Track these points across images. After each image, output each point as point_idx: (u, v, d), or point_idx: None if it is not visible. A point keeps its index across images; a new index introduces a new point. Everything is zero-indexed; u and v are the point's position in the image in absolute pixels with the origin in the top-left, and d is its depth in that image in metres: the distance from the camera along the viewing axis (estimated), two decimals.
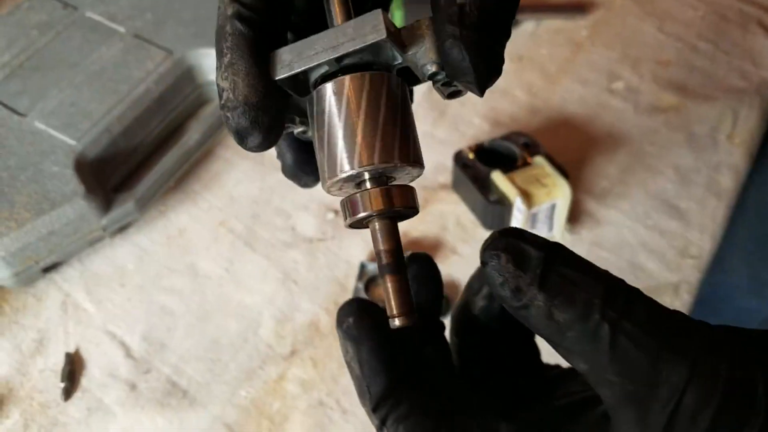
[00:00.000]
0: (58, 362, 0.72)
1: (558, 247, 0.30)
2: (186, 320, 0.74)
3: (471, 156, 0.80)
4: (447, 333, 0.39)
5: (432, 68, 0.31)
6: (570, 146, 0.86)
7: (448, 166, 0.82)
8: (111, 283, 0.78)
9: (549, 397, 0.35)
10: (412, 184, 0.33)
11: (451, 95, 0.33)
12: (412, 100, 0.34)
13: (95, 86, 0.83)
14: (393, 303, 0.31)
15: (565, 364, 0.36)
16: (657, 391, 0.27)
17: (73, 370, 0.72)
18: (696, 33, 0.99)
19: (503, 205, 0.75)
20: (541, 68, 0.95)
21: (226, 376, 0.71)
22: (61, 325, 0.75)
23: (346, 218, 0.32)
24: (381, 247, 0.31)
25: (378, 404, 0.33)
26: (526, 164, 0.77)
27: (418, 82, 0.34)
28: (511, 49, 0.97)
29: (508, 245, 0.29)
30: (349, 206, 0.31)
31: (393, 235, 0.31)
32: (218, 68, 0.31)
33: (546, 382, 0.36)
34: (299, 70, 0.31)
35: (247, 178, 0.86)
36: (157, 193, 0.81)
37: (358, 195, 0.31)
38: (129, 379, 0.71)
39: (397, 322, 0.31)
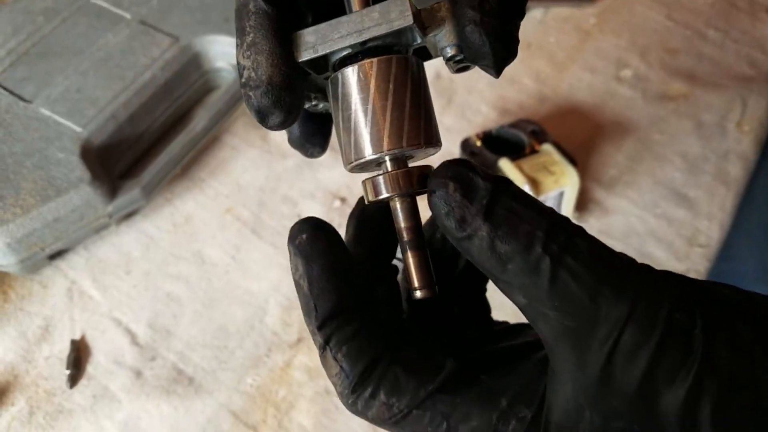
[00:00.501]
0: (64, 349, 0.72)
1: (506, 180, 0.30)
2: (192, 307, 0.74)
3: (478, 143, 0.79)
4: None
5: (452, 51, 0.32)
6: (578, 134, 0.86)
7: (456, 153, 0.81)
8: (117, 270, 0.77)
9: (494, 345, 0.35)
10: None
11: (460, 70, 0.34)
12: None
13: (101, 73, 0.82)
14: (415, 276, 0.32)
15: (514, 321, 0.37)
16: (595, 327, 0.27)
17: (78, 357, 0.72)
18: (705, 21, 0.98)
19: None
20: (549, 56, 0.95)
21: (232, 364, 0.70)
22: (66, 312, 0.75)
23: (367, 198, 0.33)
24: (402, 224, 0.32)
25: (324, 322, 0.32)
26: (534, 152, 0.77)
27: (429, 57, 0.35)
28: (519, 37, 0.97)
29: (457, 174, 0.30)
30: (371, 187, 0.32)
31: (413, 213, 0.32)
32: (239, 46, 0.31)
33: (493, 334, 0.37)
34: (323, 53, 0.31)
35: (253, 165, 0.85)
36: (163, 180, 0.81)
37: (380, 177, 0.32)
38: (135, 366, 0.71)
39: (418, 294, 0.32)
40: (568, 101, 0.90)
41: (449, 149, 0.83)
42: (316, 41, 0.31)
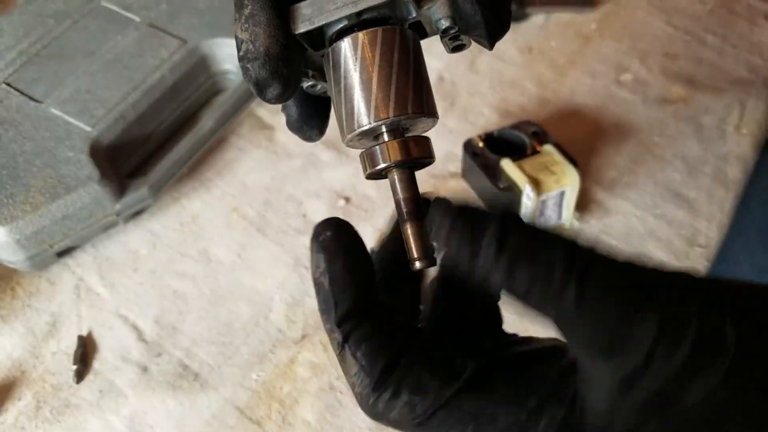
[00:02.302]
0: (71, 345, 0.73)
1: (512, 213, 0.30)
2: (198, 304, 0.75)
3: (481, 144, 0.80)
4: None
5: (446, 23, 0.32)
6: (579, 136, 0.87)
7: (458, 155, 0.83)
8: (124, 268, 0.78)
9: (512, 351, 0.35)
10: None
11: (455, 49, 0.35)
12: None
13: (110, 74, 0.84)
14: (414, 247, 0.32)
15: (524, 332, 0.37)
16: (626, 344, 0.27)
17: (85, 353, 0.72)
18: (704, 26, 0.99)
19: (513, 192, 0.76)
20: (550, 60, 0.96)
21: (238, 360, 0.71)
22: (73, 309, 0.76)
23: (365, 170, 0.33)
24: (400, 195, 0.32)
25: (343, 319, 0.32)
26: (535, 152, 0.78)
27: (425, 36, 0.35)
28: (521, 41, 0.99)
29: (462, 212, 0.30)
30: (368, 158, 0.33)
31: (411, 183, 0.33)
32: (237, 20, 0.31)
33: (508, 342, 0.36)
34: (320, 24, 0.32)
35: (259, 166, 0.86)
36: (170, 179, 0.82)
37: (376, 147, 0.32)
38: (141, 362, 0.72)
39: (417, 265, 0.32)
40: (569, 104, 0.91)
41: (452, 150, 0.84)
42: (312, 13, 0.31)
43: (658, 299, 0.28)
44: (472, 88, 0.93)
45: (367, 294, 0.33)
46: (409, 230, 0.32)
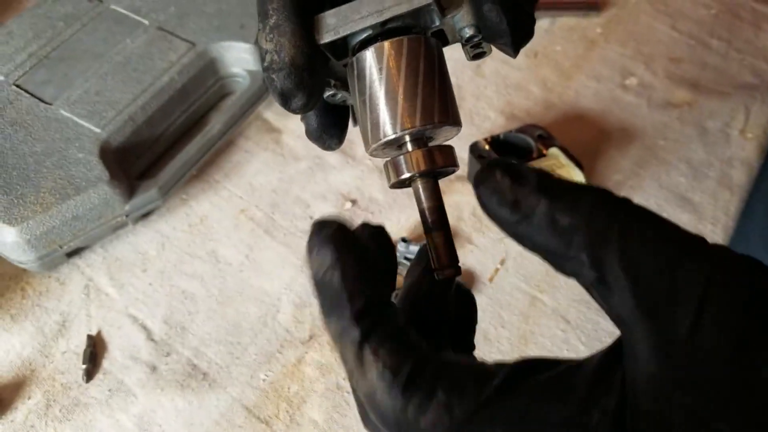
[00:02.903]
0: (80, 344, 0.73)
1: (544, 171, 0.29)
2: (207, 305, 0.76)
3: (486, 147, 0.81)
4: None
5: (470, 31, 0.33)
6: (584, 140, 0.88)
7: (464, 158, 0.83)
8: (133, 269, 0.79)
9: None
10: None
11: (476, 57, 0.35)
12: None
13: (120, 76, 0.85)
14: (440, 255, 0.32)
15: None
16: (677, 295, 0.25)
17: (95, 353, 0.73)
18: (708, 31, 1.00)
19: None
20: (555, 64, 0.97)
21: (246, 359, 0.72)
22: (83, 309, 0.76)
23: (390, 179, 0.33)
24: (425, 204, 0.32)
25: (362, 314, 0.28)
26: (541, 155, 0.79)
27: (446, 44, 0.36)
28: (526, 45, 0.99)
29: (501, 163, 0.29)
30: (392, 168, 0.32)
31: (435, 193, 0.33)
32: (261, 30, 0.31)
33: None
34: (345, 34, 0.32)
35: (267, 168, 0.87)
36: (179, 181, 0.83)
37: (401, 157, 0.32)
38: (150, 362, 0.72)
39: (444, 273, 0.32)
40: (574, 108, 0.92)
41: (458, 153, 0.84)
42: (337, 23, 0.32)
43: (705, 249, 0.26)
44: (478, 91, 0.94)
45: (382, 292, 0.30)
46: (435, 239, 0.32)
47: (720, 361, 0.24)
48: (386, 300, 0.30)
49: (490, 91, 0.94)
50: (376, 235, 0.34)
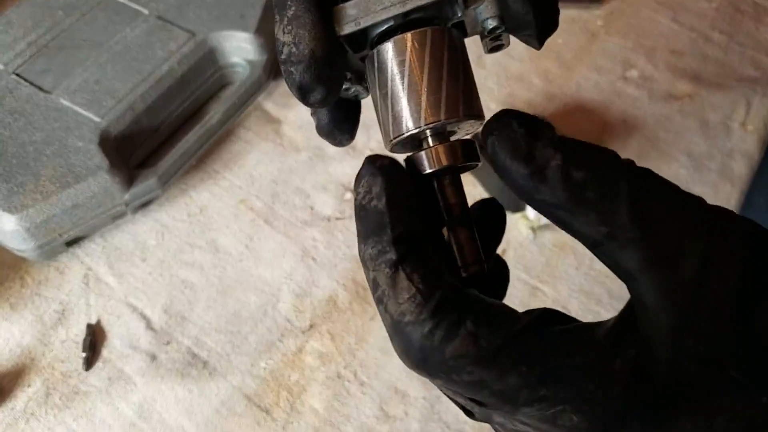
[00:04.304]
0: (80, 333, 0.73)
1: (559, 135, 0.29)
2: (206, 294, 0.76)
3: None
4: None
5: (494, 23, 0.32)
6: (585, 131, 0.87)
7: None
8: (132, 258, 0.79)
9: None
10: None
11: (494, 49, 0.34)
12: None
13: (119, 65, 0.84)
14: (465, 253, 0.31)
15: None
16: (682, 244, 0.26)
17: (94, 341, 0.73)
18: (710, 24, 1.00)
19: None
20: (557, 56, 0.97)
21: (246, 348, 0.72)
22: (82, 298, 0.76)
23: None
24: (449, 201, 0.31)
25: (401, 237, 0.28)
26: None
27: (465, 36, 0.35)
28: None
29: (517, 115, 0.29)
30: (415, 164, 0.31)
31: (458, 188, 0.32)
32: (279, 22, 0.30)
33: None
34: (366, 25, 0.31)
35: (266, 158, 0.87)
36: (178, 171, 0.82)
37: (423, 153, 0.31)
38: (150, 350, 0.72)
39: (470, 270, 0.31)
40: (575, 100, 0.92)
41: None
42: (358, 14, 0.30)
43: (705, 207, 0.27)
44: (479, 82, 0.93)
45: (426, 227, 0.30)
46: (459, 236, 0.31)
47: (725, 310, 0.25)
48: (426, 234, 0.30)
49: (492, 83, 0.93)
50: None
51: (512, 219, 0.79)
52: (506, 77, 0.94)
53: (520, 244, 0.78)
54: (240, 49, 0.89)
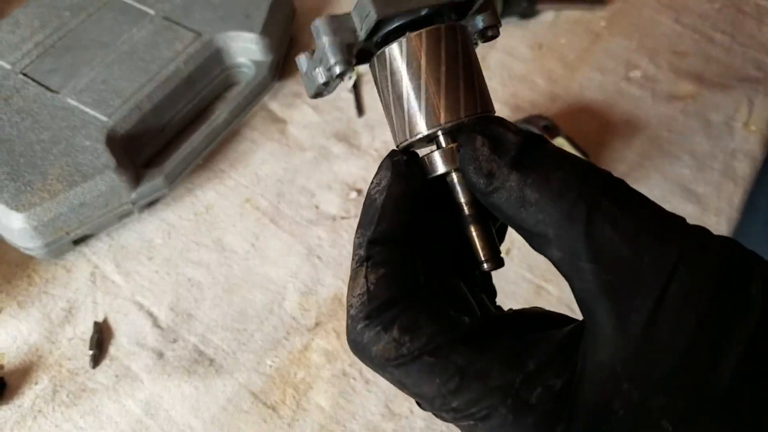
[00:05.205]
0: (87, 331, 0.74)
1: (539, 137, 0.29)
2: (213, 292, 0.76)
3: None
4: None
5: (492, 32, 0.33)
6: (588, 132, 0.88)
7: None
8: (139, 256, 0.79)
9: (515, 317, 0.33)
10: None
11: (488, 39, 0.34)
12: None
13: (126, 65, 0.85)
14: (481, 250, 0.32)
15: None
16: (638, 278, 0.24)
17: (101, 339, 0.73)
18: (712, 25, 1.00)
19: None
20: (560, 56, 0.97)
21: (252, 346, 0.72)
22: (89, 296, 0.76)
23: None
24: (462, 199, 0.32)
25: (377, 239, 0.30)
26: None
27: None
28: (530, 37, 1.00)
29: (486, 129, 0.29)
30: (428, 164, 0.32)
31: None
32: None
33: (506, 313, 0.34)
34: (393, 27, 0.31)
35: (272, 158, 0.87)
36: (185, 170, 0.83)
37: (436, 153, 0.31)
38: (156, 348, 0.72)
39: (485, 267, 0.32)
40: (578, 100, 0.92)
41: None
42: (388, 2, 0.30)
43: (678, 233, 0.25)
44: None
45: (413, 227, 0.31)
46: (474, 233, 0.32)
47: (673, 356, 0.23)
48: (412, 238, 0.30)
49: (495, 83, 0.94)
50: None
51: None
52: (510, 77, 0.94)
53: (525, 244, 0.79)
54: (246, 49, 0.89)
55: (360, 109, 0.92)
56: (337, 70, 0.32)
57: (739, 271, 0.24)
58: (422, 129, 0.31)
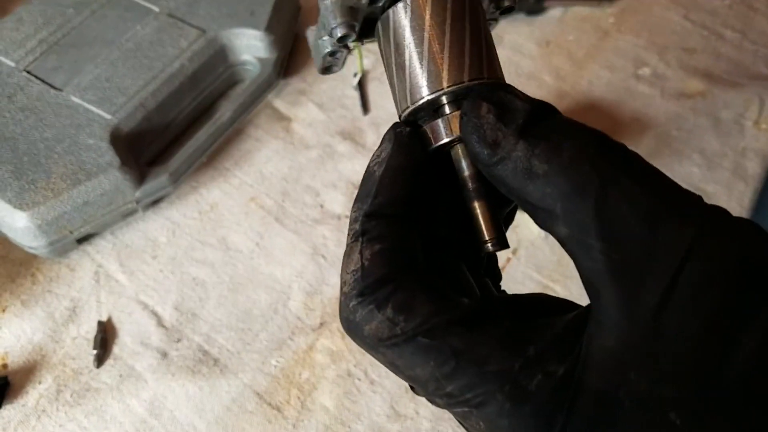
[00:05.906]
0: (91, 330, 0.73)
1: (549, 106, 0.27)
2: (217, 291, 0.75)
3: None
4: None
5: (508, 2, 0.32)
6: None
7: None
8: (143, 256, 0.79)
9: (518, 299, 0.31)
10: None
11: (504, 11, 0.33)
12: None
13: (130, 63, 0.84)
14: (484, 228, 0.29)
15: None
16: (651, 259, 0.22)
17: (105, 338, 0.73)
18: (722, 22, 0.99)
19: None
20: (568, 54, 0.96)
21: (257, 346, 0.72)
22: (93, 295, 0.76)
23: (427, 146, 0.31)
24: (466, 172, 0.30)
25: (373, 213, 0.28)
26: None
27: None
28: (538, 34, 0.98)
29: (492, 95, 0.27)
30: (430, 134, 0.30)
31: None
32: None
33: (510, 295, 0.32)
34: None
35: (277, 156, 0.87)
36: (189, 168, 0.82)
37: (439, 121, 0.30)
38: (160, 347, 0.72)
39: (490, 247, 0.29)
40: (587, 98, 0.91)
41: None
42: None
43: (696, 212, 0.23)
44: None
45: (410, 200, 0.29)
46: (478, 209, 0.29)
47: (684, 344, 0.22)
48: (409, 212, 0.29)
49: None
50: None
51: (523, 217, 0.78)
52: (517, 75, 0.93)
53: (532, 243, 0.78)
54: (250, 46, 0.89)
55: (365, 107, 0.91)
56: (338, 32, 0.31)
57: (758, 256, 0.22)
58: (424, 93, 0.29)
